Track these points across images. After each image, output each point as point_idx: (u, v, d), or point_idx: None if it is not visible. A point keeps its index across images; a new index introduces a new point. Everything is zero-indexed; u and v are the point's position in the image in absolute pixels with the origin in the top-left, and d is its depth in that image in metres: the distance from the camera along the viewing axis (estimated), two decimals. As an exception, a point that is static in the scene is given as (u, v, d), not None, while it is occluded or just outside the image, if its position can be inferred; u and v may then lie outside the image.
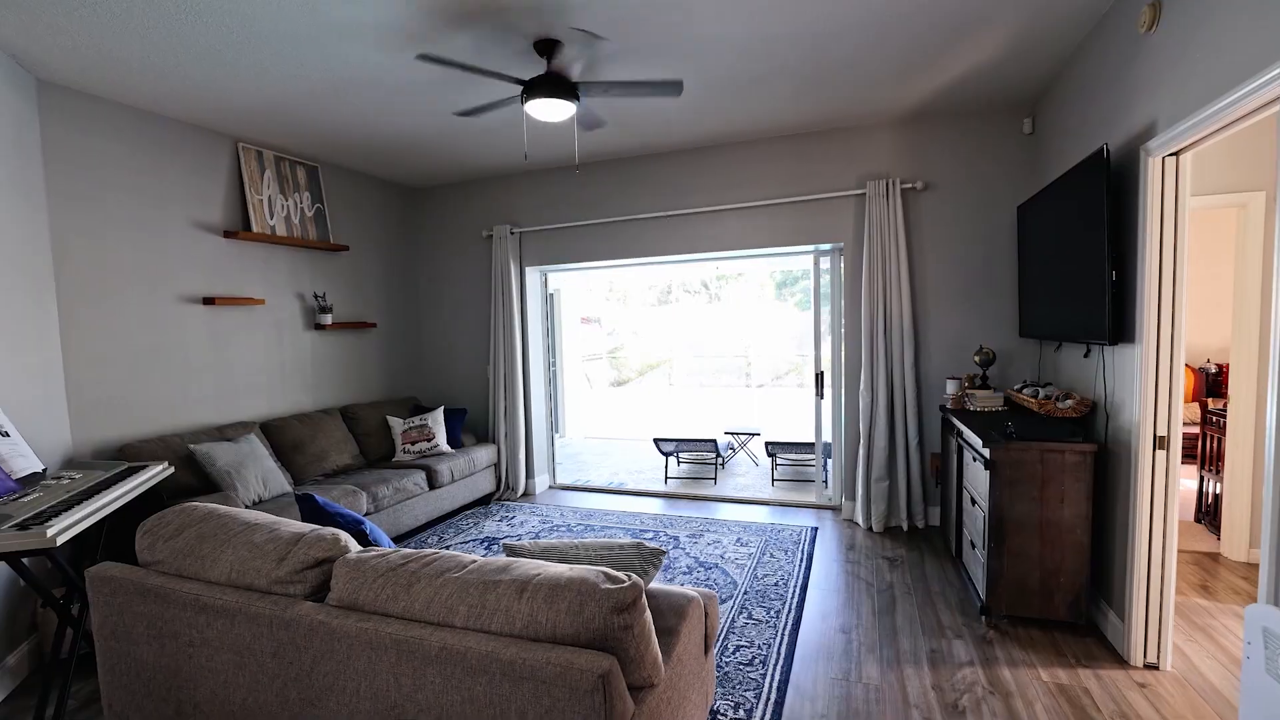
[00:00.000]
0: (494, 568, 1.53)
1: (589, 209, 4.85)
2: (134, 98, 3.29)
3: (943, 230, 3.97)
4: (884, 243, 3.99)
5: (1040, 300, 3.21)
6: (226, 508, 2.01)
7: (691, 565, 3.59)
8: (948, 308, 4.00)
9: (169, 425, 3.58)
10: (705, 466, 6.07)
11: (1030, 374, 3.76)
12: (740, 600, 3.13)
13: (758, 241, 4.43)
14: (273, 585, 1.65)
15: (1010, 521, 2.65)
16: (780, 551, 3.77)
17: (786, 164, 4.29)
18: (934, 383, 4.06)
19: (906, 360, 3.99)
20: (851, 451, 4.31)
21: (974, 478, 2.98)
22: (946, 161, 3.93)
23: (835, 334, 4.48)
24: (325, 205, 4.52)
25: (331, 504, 2.28)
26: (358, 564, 1.60)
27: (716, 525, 4.28)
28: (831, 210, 4.21)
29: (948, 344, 4.02)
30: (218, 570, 1.73)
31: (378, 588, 1.53)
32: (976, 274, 3.92)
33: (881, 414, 4.04)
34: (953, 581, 3.26)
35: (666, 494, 5.14)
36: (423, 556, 1.62)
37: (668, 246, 4.67)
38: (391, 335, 5.25)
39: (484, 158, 4.59)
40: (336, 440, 4.22)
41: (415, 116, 3.69)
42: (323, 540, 1.70)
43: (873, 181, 3.97)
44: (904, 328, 3.98)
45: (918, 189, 3.98)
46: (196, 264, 3.73)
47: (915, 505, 4.07)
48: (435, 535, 4.22)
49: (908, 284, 3.96)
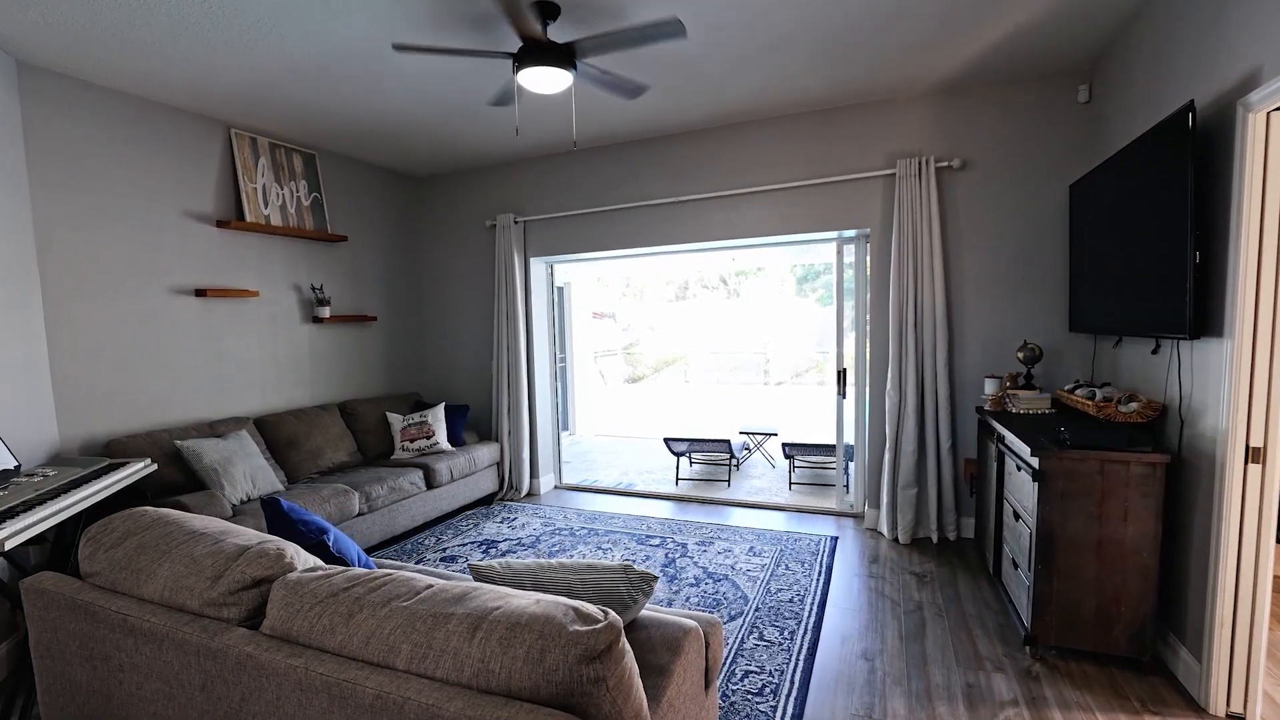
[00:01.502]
0: (449, 596, 1.29)
1: (596, 196, 4.60)
2: (119, 80, 3.13)
3: (982, 213, 3.63)
4: (915, 227, 3.66)
5: (1097, 290, 2.87)
6: (181, 514, 1.81)
7: (699, 576, 3.33)
8: (986, 299, 3.67)
9: (159, 420, 3.43)
10: (719, 468, 5.79)
11: (1082, 373, 3.41)
12: (751, 618, 2.87)
13: (776, 228, 4.13)
14: (205, 607, 1.44)
15: (1061, 539, 2.34)
16: (796, 563, 3.49)
17: (807, 143, 3.99)
18: (970, 382, 3.72)
19: (939, 357, 3.66)
20: (876, 455, 4.00)
21: (1017, 488, 2.66)
22: (987, 136, 3.59)
23: (860, 328, 4.17)
24: (323, 194, 4.35)
25: (298, 510, 2.07)
26: (296, 586, 1.38)
27: (728, 532, 4.01)
28: (857, 193, 3.90)
29: (986, 339, 3.68)
30: (152, 587, 1.52)
31: (314, 616, 1.30)
32: (1020, 261, 3.57)
33: (910, 415, 3.72)
34: (990, 603, 2.94)
35: (677, 496, 4.88)
36: (372, 579, 1.39)
37: (679, 234, 4.40)
38: (393, 329, 5.06)
39: (486, 143, 4.37)
40: (333, 437, 4.05)
41: (408, 98, 3.47)
42: (264, 556, 1.48)
43: (903, 160, 3.65)
44: (937, 321, 3.65)
45: (954, 168, 3.64)
46: (188, 255, 3.57)
47: (947, 515, 3.74)
48: (433, 536, 4.02)
49: (941, 273, 3.63)
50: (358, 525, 3.52)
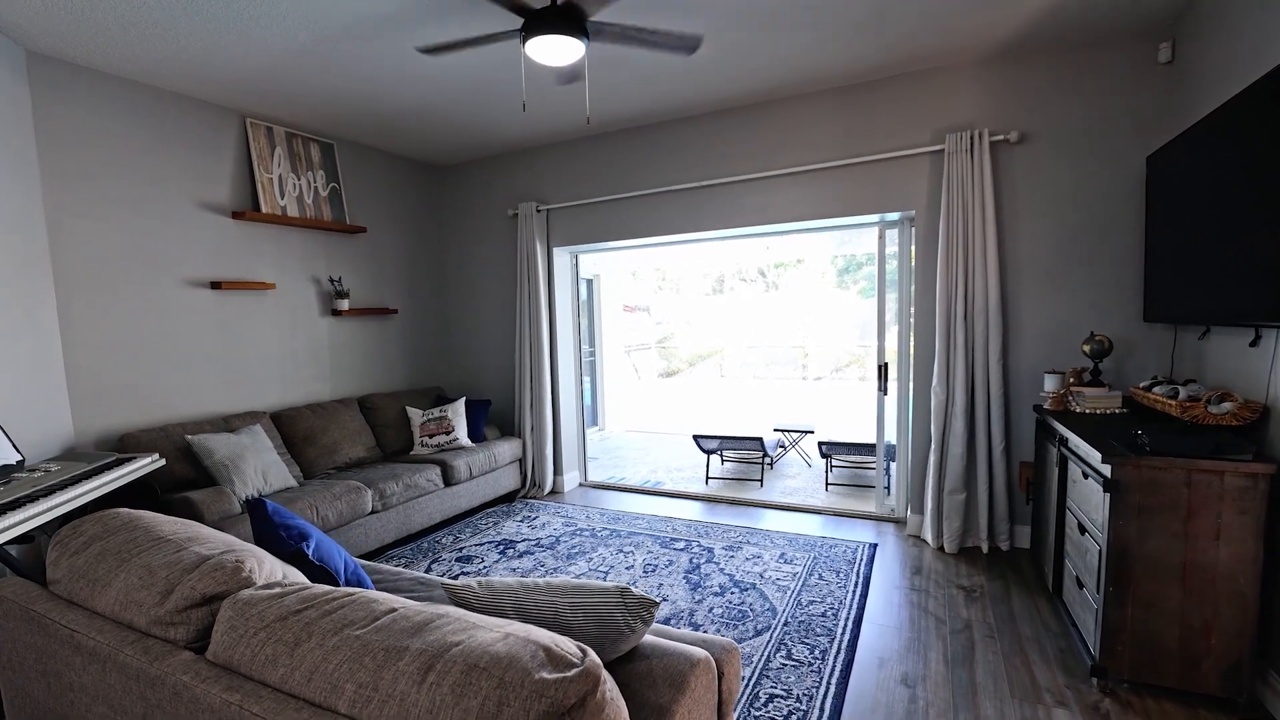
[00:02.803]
0: (409, 625, 1.11)
1: (620, 182, 4.39)
2: (128, 68, 3.08)
3: (1042, 191, 3.28)
4: (966, 208, 3.33)
5: (1180, 273, 2.52)
6: (156, 517, 1.68)
7: (725, 584, 3.11)
8: (1046, 287, 3.31)
9: (174, 415, 3.40)
10: (751, 466, 5.53)
11: (1159, 368, 3.03)
12: (779, 633, 2.63)
13: (811, 212, 3.85)
14: (152, 626, 1.30)
15: (1139, 560, 2.03)
16: (831, 572, 3.22)
17: (846, 119, 3.68)
18: (1027, 378, 3.38)
19: (992, 351, 3.33)
20: (920, 456, 3.69)
21: (1084, 498, 2.35)
22: (1049, 105, 3.22)
23: (903, 320, 3.85)
24: (341, 184, 4.26)
25: (283, 513, 1.94)
26: (245, 607, 1.22)
27: (758, 536, 3.77)
28: (901, 172, 3.58)
29: (1045, 331, 3.33)
30: (105, 600, 1.40)
31: (258, 643, 1.14)
32: (1086, 244, 3.21)
33: (959, 414, 3.40)
34: (1050, 625, 2.63)
35: (706, 496, 4.65)
36: (330, 599, 1.22)
37: (707, 221, 4.15)
38: (415, 322, 4.97)
39: (505, 128, 4.21)
40: (351, 432, 3.97)
41: (421, 80, 3.32)
42: (220, 570, 1.34)
43: (953, 135, 3.32)
44: (989, 311, 3.32)
45: (1011, 141, 3.29)
46: (203, 246, 3.52)
47: (999, 523, 3.42)
48: (451, 535, 3.91)
49: (995, 258, 3.29)
50: (371, 523, 3.42)
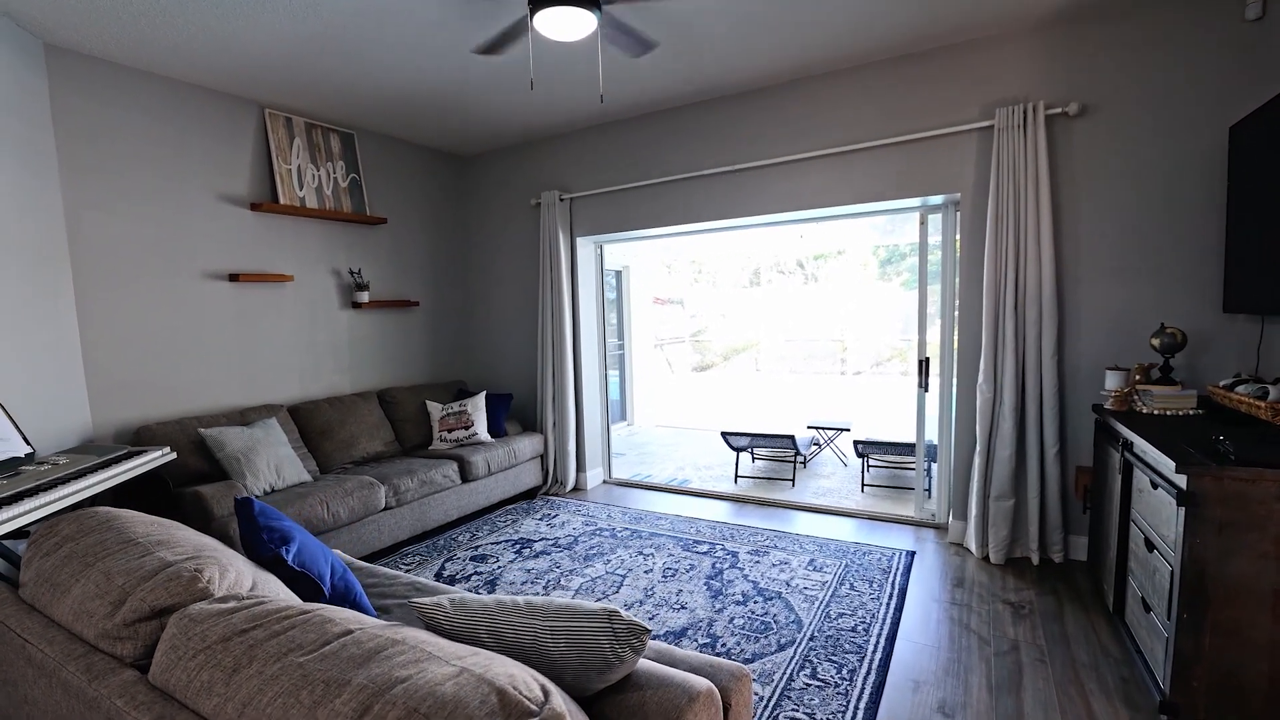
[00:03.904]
0: (359, 653, 0.98)
1: (646, 169, 4.21)
2: (145, 59, 3.06)
3: (1105, 168, 2.96)
4: (1018, 189, 3.04)
5: (1268, 258, 2.21)
6: (136, 515, 1.61)
7: (748, 593, 2.92)
8: (1108, 274, 3.00)
9: (191, 407, 3.39)
10: (783, 465, 5.30)
11: (1241, 364, 2.70)
12: (804, 648, 2.43)
13: (846, 197, 3.60)
14: (100, 639, 1.21)
15: (1219, 584, 1.76)
16: (864, 582, 3.00)
17: (883, 96, 3.42)
18: (1085, 374, 3.08)
19: (1045, 344, 3.04)
20: (964, 458, 3.41)
21: (1152, 511, 2.08)
22: (1114, 72, 2.90)
23: (946, 311, 3.58)
24: (361, 175, 4.21)
25: (269, 514, 1.85)
26: (191, 624, 1.11)
27: (787, 540, 3.56)
28: (945, 151, 3.30)
29: (1106, 323, 3.02)
30: (63, 608, 1.31)
31: (196, 666, 1.03)
32: (1154, 227, 2.88)
33: (1007, 413, 3.12)
34: (1110, 651, 2.36)
35: (733, 496, 4.46)
36: (283, 617, 1.10)
37: (736, 208, 3.94)
38: (437, 314, 4.91)
39: (526, 115, 4.07)
40: (369, 426, 3.92)
41: (439, 66, 3.21)
42: (176, 579, 1.23)
43: (1004, 109, 3.03)
44: (1043, 301, 3.03)
45: (1069, 114, 2.98)
46: (221, 238, 3.50)
47: (1051, 533, 3.13)
48: (467, 533, 3.82)
49: (1050, 243, 3.00)
50: (384, 520, 3.36)
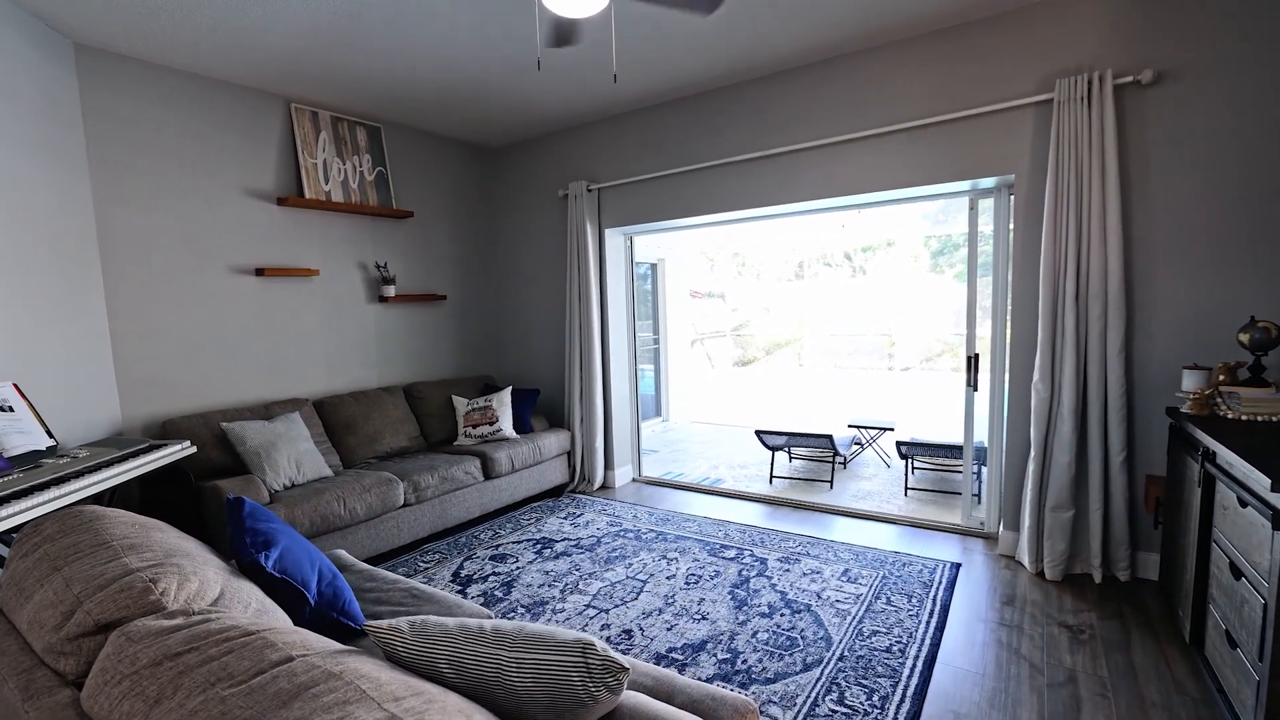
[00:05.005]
0: (288, 688, 0.87)
1: (675, 156, 4.04)
2: (168, 56, 3.08)
3: (1184, 142, 2.63)
4: (1080, 169, 2.74)
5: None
6: (121, 515, 1.57)
7: (774, 604, 2.74)
8: (1187, 262, 2.67)
9: (217, 401, 3.43)
10: (821, 465, 5.06)
11: (1345, 363, 2.35)
12: (832, 670, 2.24)
13: (888, 181, 3.34)
14: (46, 653, 1.14)
15: (1322, 627, 1.50)
16: (902, 596, 2.78)
17: (929, 71, 3.15)
18: (1157, 374, 2.76)
19: (1111, 340, 2.73)
20: (1016, 463, 3.13)
21: (1240, 533, 1.80)
22: (1197, 32, 2.56)
23: (997, 303, 3.28)
24: (388, 168, 4.18)
25: (259, 514, 1.79)
26: (127, 644, 1.03)
27: (820, 547, 3.35)
28: (997, 130, 3.01)
29: (1184, 317, 2.69)
30: (23, 615, 1.26)
31: (119, 694, 0.94)
32: (1243, 209, 2.54)
33: (1066, 415, 2.83)
34: (1187, 688, 2.08)
35: (767, 498, 4.26)
36: (224, 639, 1.00)
37: (770, 195, 3.72)
38: (464, 308, 4.86)
39: (552, 103, 3.96)
40: (393, 420, 3.90)
41: (461, 55, 3.12)
42: (128, 590, 1.16)
43: (1065, 80, 2.73)
44: (1109, 293, 2.72)
45: (1142, 83, 2.65)
46: (247, 233, 3.52)
47: (1117, 548, 2.82)
48: (490, 530, 3.76)
49: (1118, 228, 2.69)
50: (404, 517, 3.31)
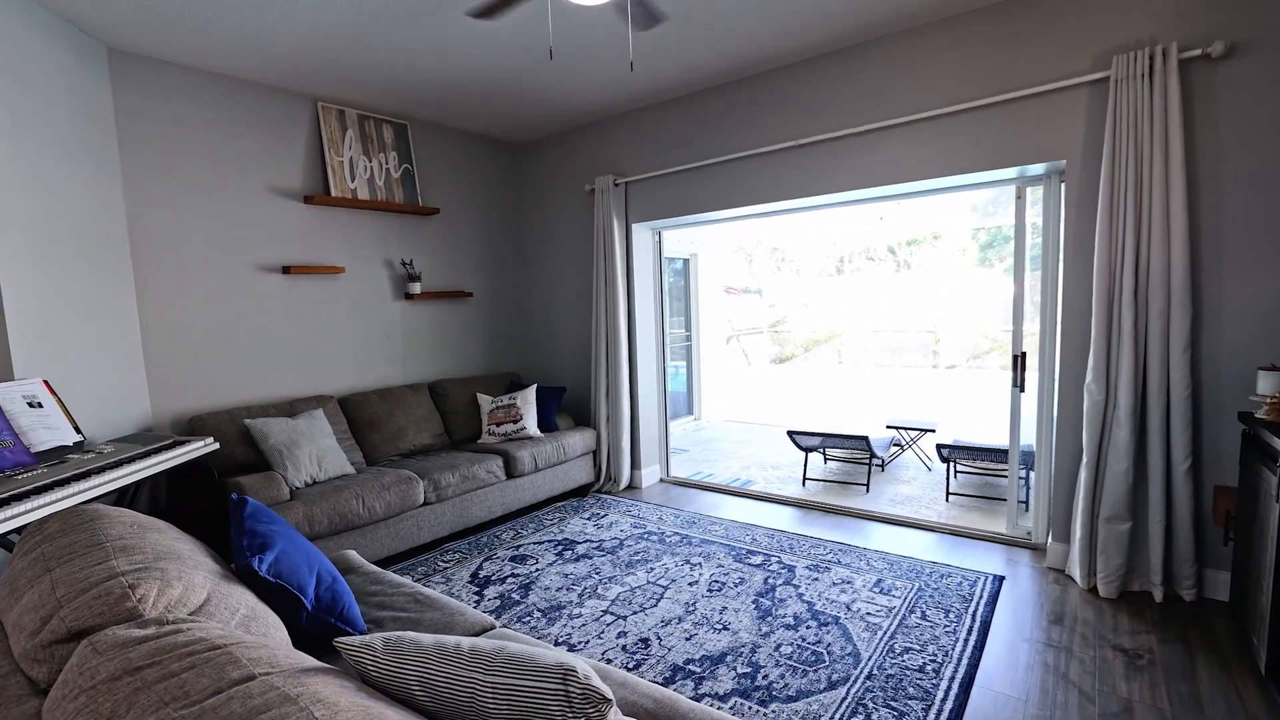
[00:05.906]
0: (241, 711, 0.81)
1: (703, 149, 3.92)
2: (196, 58, 3.13)
3: (1261, 121, 2.38)
4: (1139, 153, 2.51)
5: None
6: (125, 514, 1.56)
7: (800, 615, 2.61)
8: (1262, 253, 2.41)
9: (243, 398, 3.48)
10: (857, 467, 4.86)
11: None
12: (858, 690, 2.10)
13: (928, 169, 3.15)
14: (22, 659, 1.12)
15: None
16: (939, 610, 2.60)
17: (973, 51, 2.95)
18: (1226, 375, 2.51)
19: (1174, 338, 2.50)
20: (1067, 470, 2.91)
21: (1323, 559, 1.59)
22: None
23: (1047, 299, 3.06)
24: (414, 165, 4.18)
25: (261, 515, 1.77)
26: (92, 654, 0.99)
27: (852, 555, 3.19)
28: (1046, 112, 2.79)
29: (1258, 312, 2.44)
30: (10, 617, 1.25)
31: (73, 710, 0.90)
32: (1329, 190, 2.28)
33: (1122, 419, 2.61)
34: (1258, 728, 1.87)
35: (798, 501, 4.10)
36: (188, 653, 0.96)
37: (801, 186, 3.57)
38: (491, 305, 4.85)
39: (578, 97, 3.89)
40: (418, 418, 3.90)
41: (486, 50, 3.08)
42: (105, 596, 1.13)
43: (1123, 56, 2.50)
44: (1172, 287, 2.49)
45: (1212, 57, 2.41)
46: (274, 232, 3.57)
47: (1180, 565, 2.59)
48: (511, 530, 3.72)
49: (1182, 216, 2.45)
50: (424, 515, 3.30)
